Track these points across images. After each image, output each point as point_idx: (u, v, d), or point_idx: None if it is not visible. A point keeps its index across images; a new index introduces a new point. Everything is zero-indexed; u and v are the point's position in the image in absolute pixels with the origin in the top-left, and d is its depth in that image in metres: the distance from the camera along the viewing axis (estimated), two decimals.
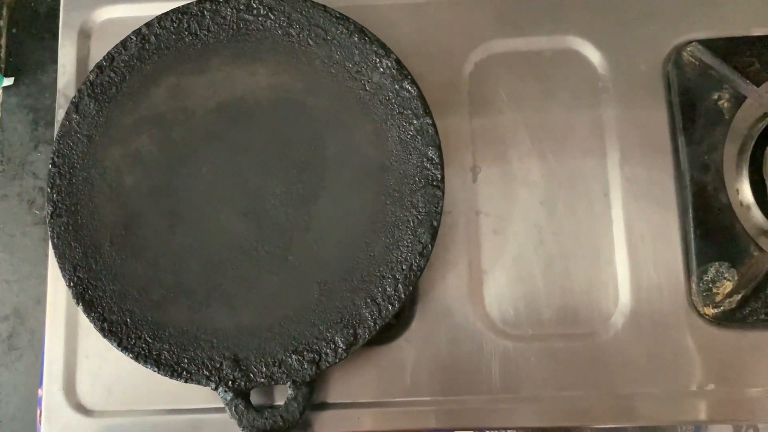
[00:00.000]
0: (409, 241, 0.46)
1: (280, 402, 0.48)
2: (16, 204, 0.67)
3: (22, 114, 0.68)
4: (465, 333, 0.49)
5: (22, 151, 0.68)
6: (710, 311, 0.49)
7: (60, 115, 0.53)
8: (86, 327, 0.50)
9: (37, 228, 0.66)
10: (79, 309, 0.47)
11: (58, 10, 0.70)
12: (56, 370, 0.49)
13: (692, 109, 0.51)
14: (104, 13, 0.55)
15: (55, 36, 0.69)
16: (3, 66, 0.69)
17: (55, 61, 0.68)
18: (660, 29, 0.52)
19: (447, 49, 0.53)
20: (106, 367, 0.49)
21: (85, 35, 0.55)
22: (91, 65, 0.54)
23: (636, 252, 0.50)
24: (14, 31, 0.70)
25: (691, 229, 0.49)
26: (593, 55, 0.52)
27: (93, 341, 0.50)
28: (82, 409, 0.49)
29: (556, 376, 0.49)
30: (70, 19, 0.55)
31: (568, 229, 0.50)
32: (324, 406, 0.49)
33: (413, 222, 0.46)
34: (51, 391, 0.49)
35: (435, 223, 0.46)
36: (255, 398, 0.47)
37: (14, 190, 0.67)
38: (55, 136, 0.49)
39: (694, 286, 0.49)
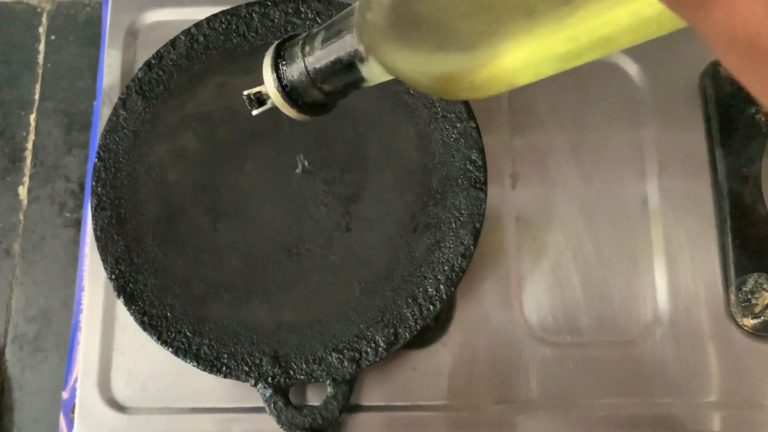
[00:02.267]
0: (451, 242, 0.46)
1: (315, 403, 0.47)
2: (48, 206, 0.67)
3: (57, 118, 0.69)
4: (503, 339, 0.49)
5: (56, 154, 0.68)
6: (749, 322, 0.49)
7: (104, 113, 0.53)
8: (122, 323, 0.50)
9: (67, 230, 0.66)
10: (119, 303, 0.47)
11: (97, 18, 0.71)
12: (91, 366, 0.49)
13: (729, 123, 0.51)
14: (151, 16, 0.56)
15: (92, 43, 0.70)
16: (40, 71, 0.70)
17: (92, 67, 0.70)
18: (697, 44, 0.53)
19: None
20: (141, 364, 0.49)
21: (131, 37, 0.56)
22: (137, 67, 0.54)
23: (674, 261, 0.50)
24: (53, 37, 0.71)
25: (729, 240, 0.50)
26: (631, 68, 0.53)
27: (129, 337, 0.49)
28: (115, 405, 0.48)
29: (594, 383, 0.48)
30: (117, 21, 0.56)
31: (607, 237, 0.51)
32: (359, 408, 0.48)
33: (455, 223, 0.47)
34: (85, 386, 0.49)
35: (477, 225, 0.46)
36: (292, 398, 0.47)
37: (46, 192, 0.67)
38: (101, 131, 0.50)
39: (732, 296, 0.49)
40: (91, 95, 0.67)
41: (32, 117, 0.69)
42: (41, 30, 0.72)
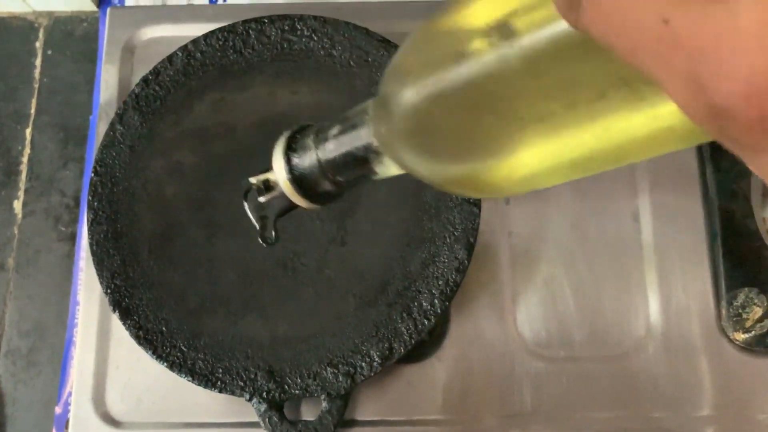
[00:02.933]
0: (445, 256, 0.47)
1: (310, 418, 0.48)
2: (42, 220, 0.67)
3: (53, 132, 0.69)
4: (497, 353, 0.49)
5: (51, 168, 0.68)
6: (740, 336, 0.49)
7: (101, 129, 0.54)
8: (117, 337, 0.50)
9: (62, 244, 0.66)
10: (114, 317, 0.47)
11: (94, 33, 0.72)
12: (86, 380, 0.49)
13: None
14: (148, 32, 0.56)
15: (89, 58, 0.71)
16: (37, 86, 0.70)
17: (88, 82, 0.70)
18: None
19: None
20: (136, 378, 0.49)
21: (128, 53, 0.56)
22: (133, 83, 0.55)
23: (666, 276, 0.50)
24: (49, 52, 0.72)
25: (720, 255, 0.50)
26: None
27: (124, 352, 0.49)
28: (110, 419, 0.48)
29: (587, 397, 0.49)
30: (114, 36, 0.56)
31: (599, 252, 0.51)
32: (353, 423, 0.48)
33: (450, 238, 0.47)
34: (80, 400, 0.49)
35: (471, 240, 0.47)
36: (286, 413, 0.47)
37: (41, 206, 0.67)
38: (97, 146, 0.50)
39: (723, 311, 0.50)
40: (87, 110, 0.68)
41: (28, 131, 0.69)
42: (38, 44, 0.72)
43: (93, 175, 0.49)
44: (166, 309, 0.47)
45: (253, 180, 0.30)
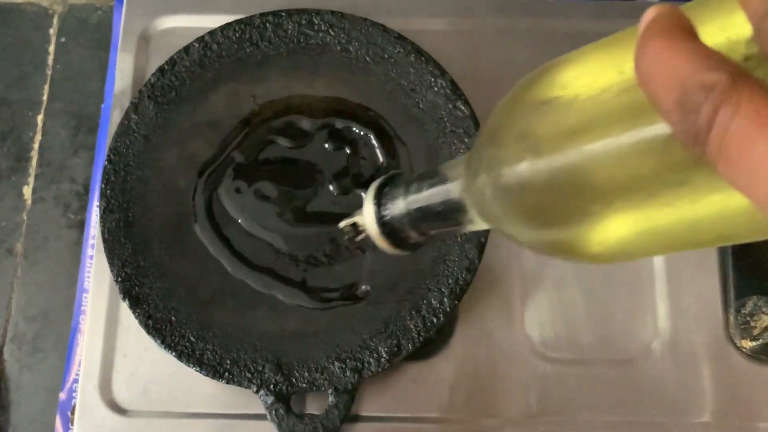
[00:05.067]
0: (456, 255, 0.47)
1: (316, 412, 0.48)
2: (52, 207, 0.67)
3: (65, 119, 0.69)
4: (504, 354, 0.50)
5: (62, 155, 0.68)
6: (747, 344, 0.49)
7: (115, 117, 0.54)
8: (125, 325, 0.50)
9: (71, 232, 0.66)
10: (122, 305, 0.47)
11: (108, 22, 0.72)
12: (93, 368, 0.49)
13: None
14: (164, 22, 0.56)
15: (102, 47, 0.71)
16: (50, 73, 0.71)
17: (101, 70, 0.70)
18: None
19: (495, 76, 0.54)
20: (143, 367, 0.49)
21: (144, 42, 0.56)
22: (148, 72, 0.55)
23: (675, 282, 0.50)
24: (63, 39, 0.72)
25: (730, 262, 0.50)
26: None
27: (131, 340, 0.49)
28: (116, 407, 0.48)
29: (593, 400, 0.49)
30: (130, 25, 0.56)
31: None
32: (358, 418, 0.49)
33: (461, 237, 0.47)
34: (86, 388, 0.49)
35: (483, 240, 0.47)
36: (293, 406, 0.47)
37: (51, 193, 0.68)
38: (111, 134, 0.50)
39: (731, 318, 0.50)
40: (99, 98, 0.68)
41: (40, 117, 0.69)
42: (52, 32, 0.72)
43: (106, 163, 0.49)
44: (175, 299, 0.47)
45: (342, 225, 0.32)
